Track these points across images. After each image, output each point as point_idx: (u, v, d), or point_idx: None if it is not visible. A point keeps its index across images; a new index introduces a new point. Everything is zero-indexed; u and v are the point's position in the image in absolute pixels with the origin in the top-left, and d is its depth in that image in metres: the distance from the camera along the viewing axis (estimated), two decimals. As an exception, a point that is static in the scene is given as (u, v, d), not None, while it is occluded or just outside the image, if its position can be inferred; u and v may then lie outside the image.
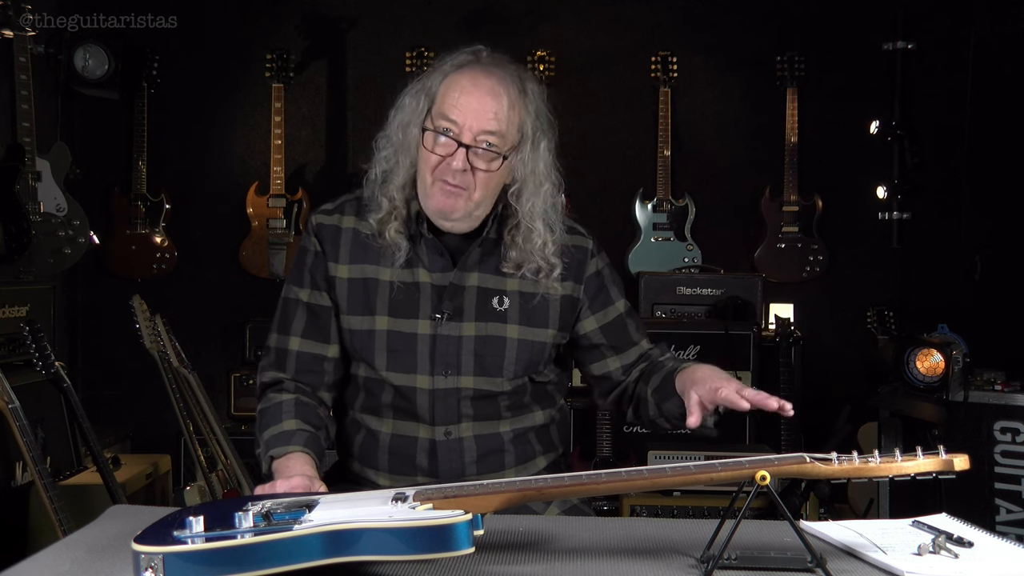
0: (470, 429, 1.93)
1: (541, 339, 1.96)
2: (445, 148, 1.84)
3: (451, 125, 1.83)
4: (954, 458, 1.37)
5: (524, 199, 1.91)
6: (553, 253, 1.93)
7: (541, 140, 1.91)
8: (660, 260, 4.58)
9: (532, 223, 1.91)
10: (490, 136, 1.83)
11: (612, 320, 2.02)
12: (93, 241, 4.11)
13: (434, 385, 1.91)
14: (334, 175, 4.71)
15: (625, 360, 2.04)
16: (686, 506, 3.35)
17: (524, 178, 1.90)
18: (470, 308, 1.93)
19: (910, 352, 3.63)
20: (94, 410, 3.57)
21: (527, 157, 1.89)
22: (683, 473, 1.43)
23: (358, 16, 4.71)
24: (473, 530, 1.30)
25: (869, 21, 4.64)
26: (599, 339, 2.02)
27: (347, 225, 1.96)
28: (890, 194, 4.59)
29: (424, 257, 1.93)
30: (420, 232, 1.92)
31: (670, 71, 4.61)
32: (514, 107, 1.86)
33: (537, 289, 1.95)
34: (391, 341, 1.91)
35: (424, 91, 1.90)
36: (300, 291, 1.99)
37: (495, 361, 1.92)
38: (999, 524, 3.62)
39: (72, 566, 1.39)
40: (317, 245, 1.97)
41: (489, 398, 1.94)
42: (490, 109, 1.83)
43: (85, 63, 4.22)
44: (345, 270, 1.95)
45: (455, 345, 1.91)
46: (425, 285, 1.92)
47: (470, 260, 1.93)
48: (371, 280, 1.93)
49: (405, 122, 1.91)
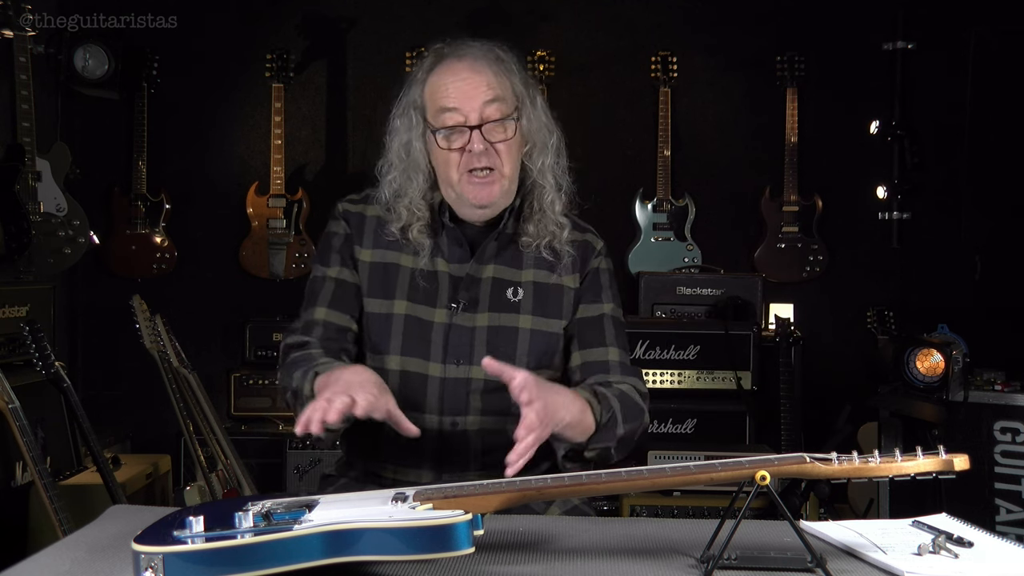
0: (477, 423, 1.93)
1: (554, 330, 1.97)
2: (460, 138, 1.86)
3: (454, 115, 1.86)
4: (954, 458, 1.37)
5: (536, 157, 1.95)
6: (560, 212, 1.96)
7: (536, 95, 1.95)
8: (660, 260, 4.58)
9: (545, 179, 1.94)
10: (493, 105, 1.86)
11: (592, 316, 2.00)
12: (93, 241, 4.11)
13: (445, 374, 1.92)
14: (334, 175, 4.71)
15: (586, 357, 1.98)
16: (686, 506, 3.35)
17: (533, 137, 1.94)
18: (485, 299, 1.94)
19: (910, 352, 3.63)
20: (94, 410, 3.56)
21: (530, 115, 1.93)
22: (683, 473, 1.43)
23: (358, 16, 4.72)
24: (473, 530, 1.30)
25: (869, 21, 4.64)
26: (572, 330, 2.00)
27: (372, 214, 1.99)
28: (890, 194, 4.59)
29: (444, 247, 1.95)
30: (442, 222, 1.95)
31: (670, 71, 4.62)
32: (499, 73, 1.89)
33: (550, 280, 1.97)
34: (407, 327, 1.93)
35: (411, 105, 1.93)
36: (328, 269, 1.99)
37: (507, 351, 1.93)
38: (999, 524, 3.62)
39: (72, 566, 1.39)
40: (346, 227, 1.99)
41: (500, 391, 1.93)
42: (481, 82, 1.86)
43: (85, 63, 4.22)
44: (368, 254, 1.97)
45: (468, 335, 1.92)
46: (443, 274, 1.95)
47: (487, 252, 1.95)
48: (392, 266, 1.96)
49: (404, 141, 1.94)
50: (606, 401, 1.85)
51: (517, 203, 1.96)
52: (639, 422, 1.93)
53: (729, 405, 3.88)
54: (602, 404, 1.84)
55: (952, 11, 4.55)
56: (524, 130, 1.92)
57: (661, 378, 3.91)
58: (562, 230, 1.97)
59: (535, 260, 1.98)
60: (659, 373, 3.91)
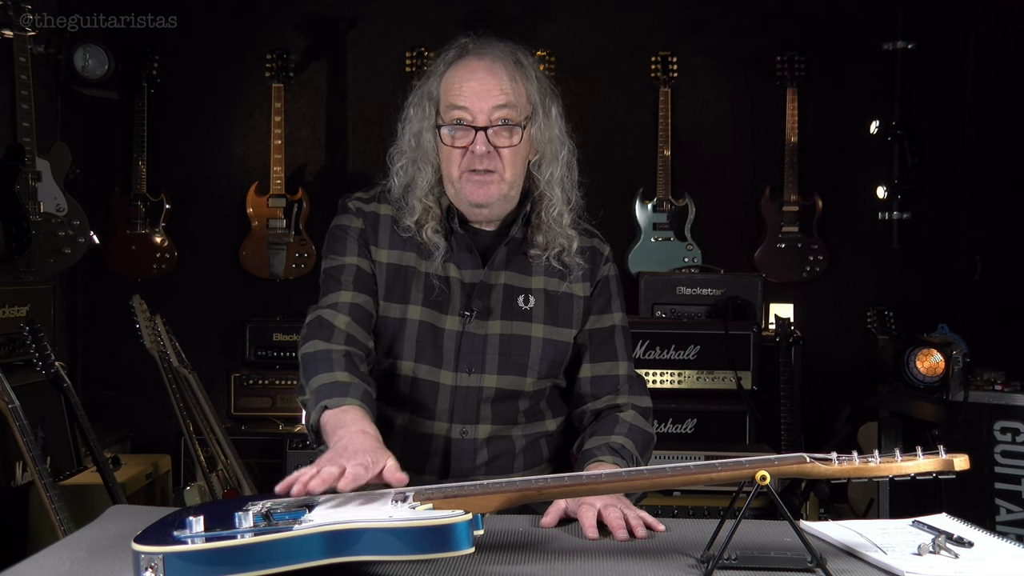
0: (487, 432, 1.93)
1: (565, 339, 1.97)
2: (464, 137, 1.85)
3: (463, 114, 1.85)
4: (954, 458, 1.37)
5: (544, 167, 1.93)
6: (570, 224, 1.95)
7: (551, 106, 1.93)
8: (660, 260, 4.58)
9: (552, 190, 1.92)
10: (503, 111, 1.84)
11: (604, 328, 2.01)
12: (93, 241, 4.11)
13: (457, 382, 1.91)
14: (334, 175, 4.71)
15: (597, 371, 2.00)
16: (686, 506, 3.35)
17: (543, 147, 1.92)
18: (497, 307, 1.93)
19: (910, 352, 3.63)
20: (94, 410, 3.56)
21: (542, 124, 1.91)
22: (683, 473, 1.43)
23: (358, 16, 4.72)
24: (473, 530, 1.30)
25: (869, 21, 4.64)
26: (583, 340, 2.00)
27: (385, 213, 1.96)
28: (890, 194, 4.59)
29: (455, 254, 1.94)
30: (452, 228, 1.93)
31: (670, 71, 4.62)
32: (515, 79, 1.87)
33: (561, 288, 1.96)
34: (421, 333, 1.91)
35: (426, 96, 1.92)
36: (345, 257, 1.92)
37: (520, 360, 1.92)
38: (999, 524, 3.62)
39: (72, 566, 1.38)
40: (361, 223, 1.95)
41: (510, 400, 1.94)
42: (495, 86, 1.84)
43: (85, 63, 4.22)
44: (384, 255, 1.94)
45: (481, 343, 1.91)
46: (455, 281, 1.93)
47: (498, 259, 1.94)
48: (409, 268, 1.93)
49: (416, 131, 1.92)
50: (627, 452, 1.88)
51: (527, 210, 1.95)
52: (650, 448, 2.00)
53: (729, 405, 3.89)
54: (627, 460, 1.86)
55: (952, 11, 4.56)
56: (533, 139, 1.91)
57: (661, 378, 3.91)
58: (571, 242, 1.95)
59: (545, 268, 1.97)
60: (659, 373, 3.91)
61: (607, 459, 1.84)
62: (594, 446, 1.89)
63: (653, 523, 1.64)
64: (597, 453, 1.86)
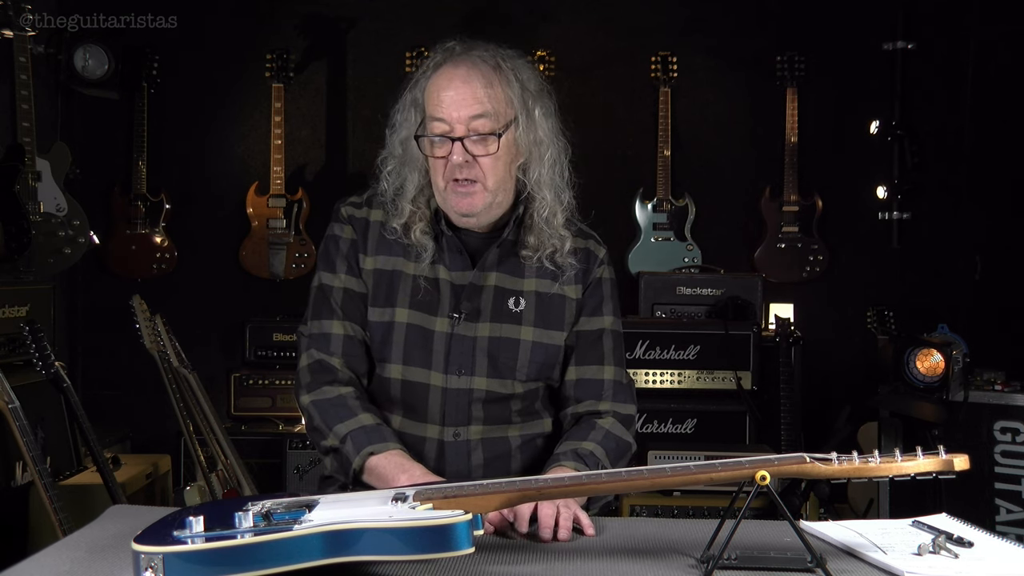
0: (479, 432, 1.93)
1: (555, 341, 1.96)
2: (443, 148, 1.85)
3: (441, 124, 1.84)
4: (954, 458, 1.37)
5: (531, 170, 1.91)
6: (563, 225, 1.94)
7: (535, 107, 1.90)
8: (660, 260, 4.58)
9: (540, 192, 1.91)
10: (479, 120, 1.83)
11: (592, 331, 1.99)
12: (93, 241, 4.11)
13: (447, 384, 1.91)
14: (334, 175, 4.71)
15: (581, 375, 1.98)
16: (686, 506, 3.35)
17: (528, 150, 1.90)
18: (486, 309, 1.93)
19: (910, 352, 3.63)
20: (94, 410, 3.56)
21: (524, 128, 1.89)
22: (683, 473, 1.43)
23: (358, 16, 4.72)
24: (473, 530, 1.30)
25: (869, 21, 4.64)
26: (571, 342, 1.99)
27: (375, 219, 1.97)
28: (890, 194, 4.59)
29: (445, 255, 1.94)
30: (441, 230, 1.93)
31: (670, 71, 4.62)
32: (492, 84, 1.85)
33: (552, 290, 1.96)
34: (409, 335, 1.91)
35: (412, 103, 1.92)
36: (335, 277, 1.96)
37: (508, 363, 1.92)
38: (999, 524, 3.62)
39: (72, 566, 1.39)
40: (352, 232, 1.97)
41: (501, 401, 1.93)
42: (469, 95, 1.83)
43: (85, 63, 4.22)
44: (371, 261, 1.95)
45: (469, 345, 1.91)
46: (445, 283, 1.93)
47: (488, 260, 1.94)
48: (396, 272, 1.94)
49: (403, 137, 1.93)
50: (593, 459, 1.87)
51: (520, 211, 1.94)
52: (626, 457, 1.98)
53: (729, 405, 3.89)
54: (590, 467, 1.84)
55: (952, 11, 4.56)
56: (518, 142, 1.88)
57: (661, 378, 3.91)
58: (563, 243, 1.94)
59: (537, 269, 1.96)
60: (659, 373, 3.91)
61: (569, 464, 1.84)
62: (561, 451, 1.89)
63: (585, 526, 1.65)
64: (562, 458, 1.86)
